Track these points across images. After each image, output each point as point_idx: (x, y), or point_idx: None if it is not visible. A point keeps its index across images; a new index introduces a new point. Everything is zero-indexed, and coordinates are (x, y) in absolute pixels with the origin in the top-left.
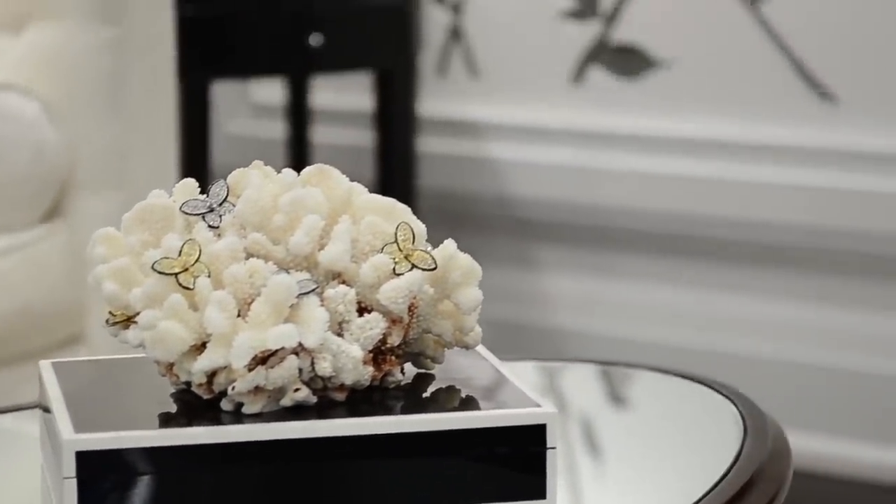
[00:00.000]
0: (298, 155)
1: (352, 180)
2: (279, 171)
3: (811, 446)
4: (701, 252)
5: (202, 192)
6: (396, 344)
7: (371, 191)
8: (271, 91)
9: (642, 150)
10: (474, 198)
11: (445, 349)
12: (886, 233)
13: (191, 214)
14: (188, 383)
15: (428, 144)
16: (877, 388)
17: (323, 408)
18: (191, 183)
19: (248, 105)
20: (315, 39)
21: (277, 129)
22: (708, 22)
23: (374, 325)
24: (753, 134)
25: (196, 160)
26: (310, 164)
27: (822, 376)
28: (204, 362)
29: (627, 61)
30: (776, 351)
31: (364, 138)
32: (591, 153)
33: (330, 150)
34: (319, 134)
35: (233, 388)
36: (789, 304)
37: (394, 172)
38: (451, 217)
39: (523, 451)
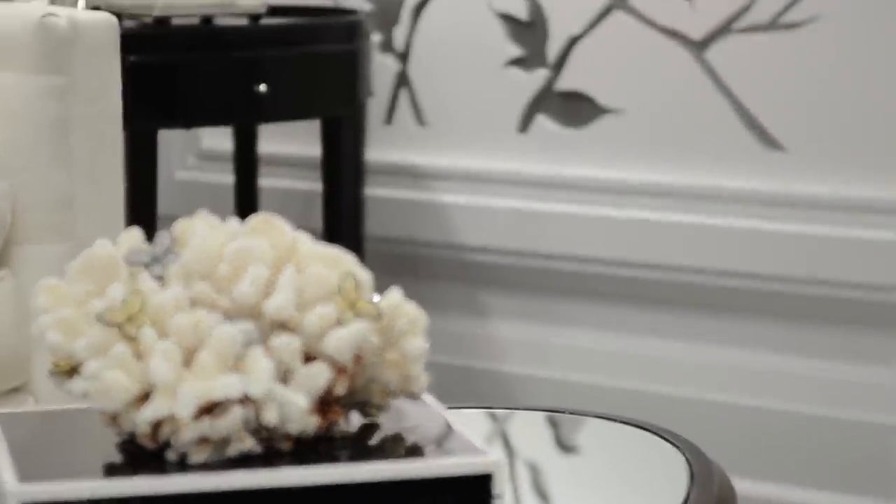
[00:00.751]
0: (246, 201)
1: (299, 227)
2: (228, 218)
3: (758, 493)
4: (647, 297)
5: (148, 241)
6: (342, 393)
7: (319, 237)
8: (219, 138)
9: (589, 197)
10: (422, 244)
11: (391, 398)
12: (831, 278)
13: (134, 265)
14: (133, 434)
15: (376, 191)
16: (824, 434)
17: (269, 457)
18: (136, 233)
19: (197, 152)
20: (262, 87)
21: (226, 176)
22: (654, 69)
23: (319, 375)
24: (699, 180)
25: (143, 208)
26: (258, 211)
27: (769, 422)
28: (148, 412)
29: (574, 109)
30: (723, 397)
31: (312, 185)
32: (538, 200)
33: (278, 197)
34: (267, 180)
35: (177, 440)
36: (736, 350)
37: (342, 219)
38: (399, 263)
39: (470, 499)
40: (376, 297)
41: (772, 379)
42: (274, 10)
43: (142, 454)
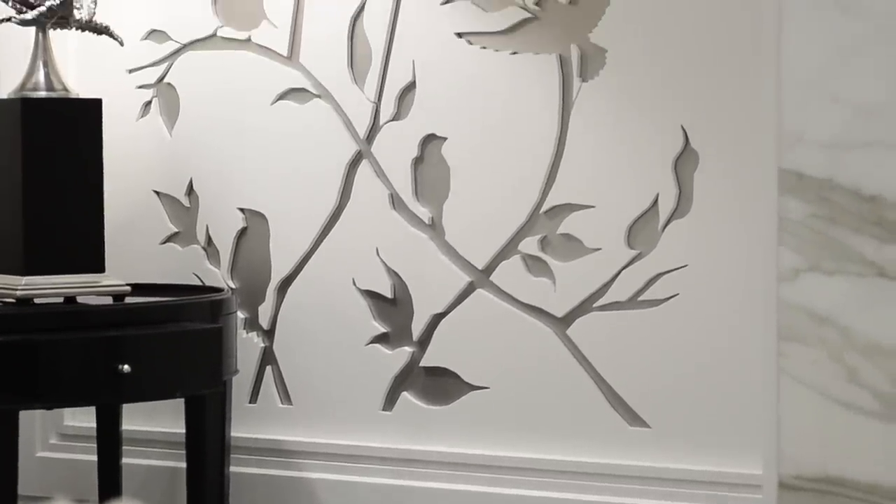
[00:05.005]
0: (109, 480)
1: None
2: (90, 498)
3: None
4: None
5: None
6: None
7: None
8: (82, 416)
9: (456, 474)
10: None
11: None
12: None
13: None
14: None
15: (241, 469)
16: None
17: None
18: None
19: (59, 430)
20: (125, 367)
21: (89, 455)
22: (517, 346)
23: None
24: (566, 456)
25: (3, 489)
26: (121, 490)
27: None
28: None
29: (439, 386)
30: None
31: (176, 463)
32: (404, 477)
33: (141, 475)
34: (131, 459)
35: None
36: None
37: (205, 496)
38: None
39: None
40: None
41: None
42: (139, 288)
43: None
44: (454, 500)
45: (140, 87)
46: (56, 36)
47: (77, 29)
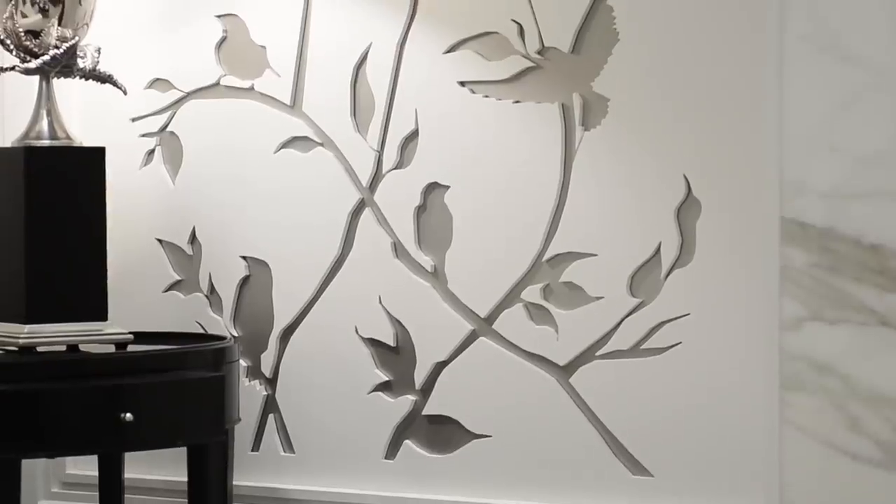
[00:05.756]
0: None
1: None
2: None
3: None
4: None
5: None
6: None
7: None
8: (84, 465)
9: None
10: None
11: None
12: None
13: None
14: None
15: None
16: None
17: None
18: None
19: (61, 479)
20: (128, 416)
21: (91, 503)
22: (520, 394)
23: None
24: None
25: None
26: None
27: None
28: None
29: (441, 434)
30: None
31: None
32: None
33: None
34: None
35: None
36: None
37: None
38: None
39: None
40: None
41: None
42: (141, 336)
43: None
44: None
45: (143, 135)
46: (60, 84)
47: (81, 78)
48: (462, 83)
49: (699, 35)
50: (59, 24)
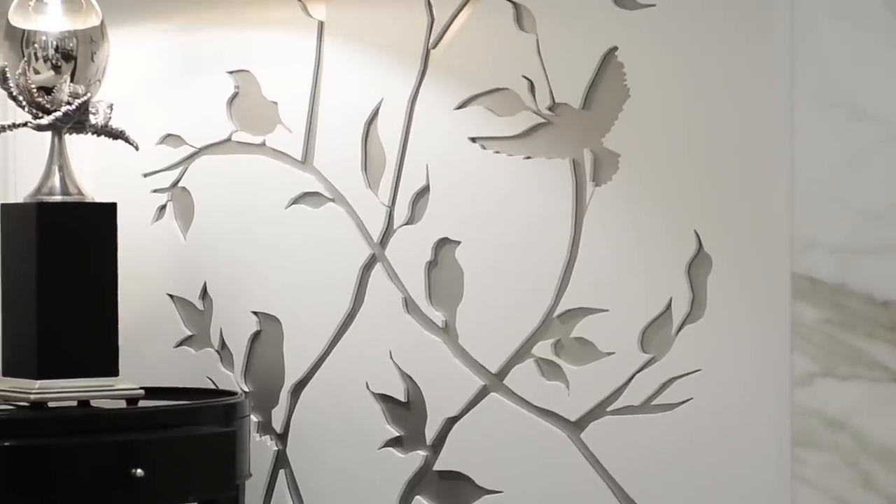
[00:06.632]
0: None
1: None
2: None
3: None
4: None
5: None
6: None
7: None
8: None
9: None
10: None
11: None
12: None
13: None
14: None
15: None
16: None
17: None
18: None
19: None
20: (139, 472)
21: None
22: (531, 450)
23: None
24: None
25: None
26: None
27: None
28: None
29: (452, 490)
30: None
31: None
32: None
33: None
34: None
35: None
36: None
37: None
38: None
39: None
40: None
41: None
42: (152, 392)
43: None
44: None
45: (155, 191)
46: (72, 140)
47: (93, 133)
48: (473, 139)
49: (710, 91)
50: (72, 81)
